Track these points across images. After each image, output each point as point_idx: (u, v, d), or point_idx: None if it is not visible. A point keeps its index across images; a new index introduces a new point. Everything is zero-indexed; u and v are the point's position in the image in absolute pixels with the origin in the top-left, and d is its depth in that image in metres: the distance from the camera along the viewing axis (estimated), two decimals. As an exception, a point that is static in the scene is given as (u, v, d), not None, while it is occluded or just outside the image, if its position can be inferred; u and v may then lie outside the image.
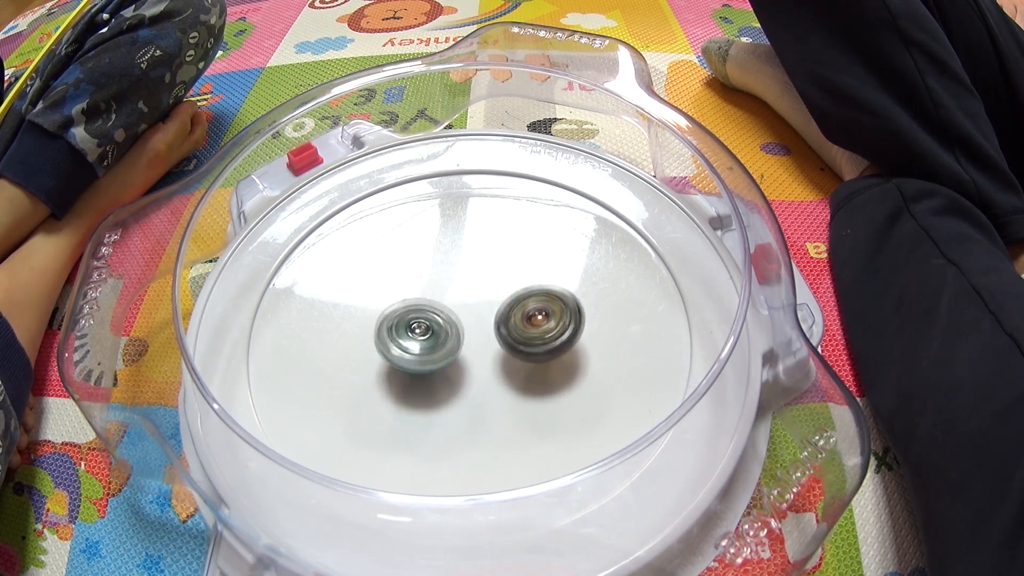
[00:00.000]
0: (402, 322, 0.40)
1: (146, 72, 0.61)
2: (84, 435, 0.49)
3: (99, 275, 0.46)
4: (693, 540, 0.35)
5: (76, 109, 0.57)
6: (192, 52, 0.64)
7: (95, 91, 0.58)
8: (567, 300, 0.40)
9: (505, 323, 0.40)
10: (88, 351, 0.44)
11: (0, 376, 0.43)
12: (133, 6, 0.62)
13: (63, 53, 0.60)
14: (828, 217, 0.60)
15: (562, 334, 0.39)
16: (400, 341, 0.40)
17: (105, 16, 0.61)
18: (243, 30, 0.97)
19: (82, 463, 0.48)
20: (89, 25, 0.61)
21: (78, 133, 0.57)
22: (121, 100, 0.60)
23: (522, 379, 0.41)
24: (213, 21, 0.66)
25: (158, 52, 0.61)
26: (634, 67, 0.54)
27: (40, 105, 0.57)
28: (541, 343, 0.39)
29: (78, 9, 0.60)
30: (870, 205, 0.54)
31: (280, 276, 0.47)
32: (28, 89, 0.59)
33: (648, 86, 0.53)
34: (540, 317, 0.40)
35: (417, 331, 0.40)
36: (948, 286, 0.44)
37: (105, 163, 0.60)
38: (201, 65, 0.67)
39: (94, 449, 0.48)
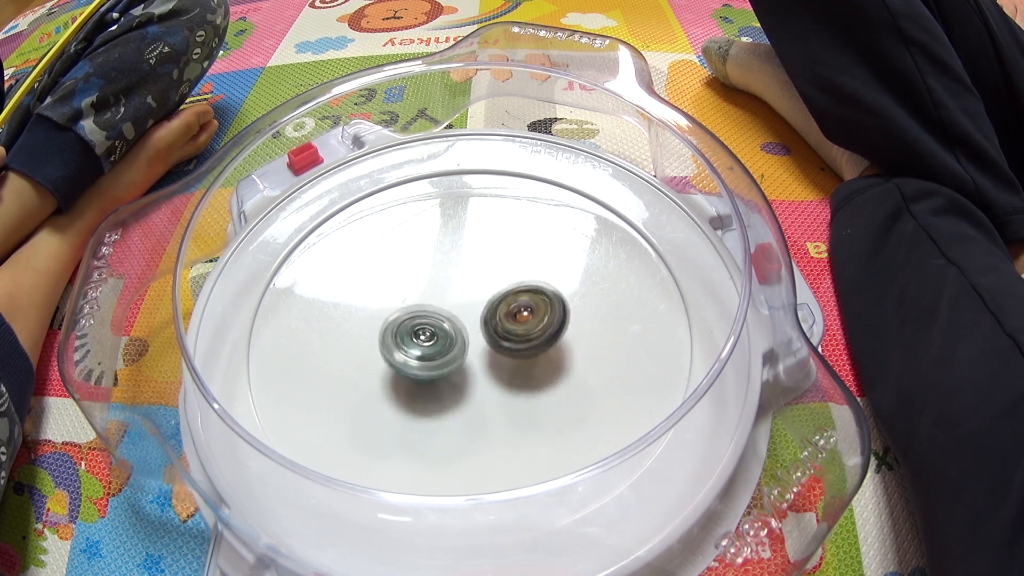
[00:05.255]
0: (406, 328, 0.40)
1: (154, 68, 0.61)
2: (84, 435, 0.49)
3: (99, 275, 0.46)
4: (693, 540, 0.35)
5: (86, 102, 0.57)
6: (199, 50, 0.66)
7: (105, 85, 0.58)
8: (552, 297, 0.40)
9: (492, 319, 0.40)
10: (88, 351, 0.44)
11: (3, 382, 0.43)
12: (142, 5, 0.63)
13: (72, 50, 0.61)
14: (828, 217, 0.60)
15: (546, 330, 0.39)
16: (405, 348, 0.39)
17: (115, 15, 0.62)
18: (243, 30, 0.97)
19: (82, 463, 0.48)
20: (98, 23, 0.62)
21: (87, 125, 0.57)
22: (130, 94, 0.60)
23: (523, 380, 0.41)
24: (219, 21, 0.67)
25: (166, 49, 0.62)
26: (634, 67, 0.54)
27: (49, 99, 0.57)
28: (526, 339, 0.39)
29: (91, 8, 0.61)
30: (870, 205, 0.54)
31: (280, 276, 0.47)
32: (36, 86, 0.59)
33: (648, 86, 0.53)
34: (526, 313, 0.40)
35: (422, 337, 0.39)
36: (948, 286, 0.44)
37: (112, 158, 0.60)
38: (206, 64, 0.68)
39: (94, 449, 0.48)
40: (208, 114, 0.71)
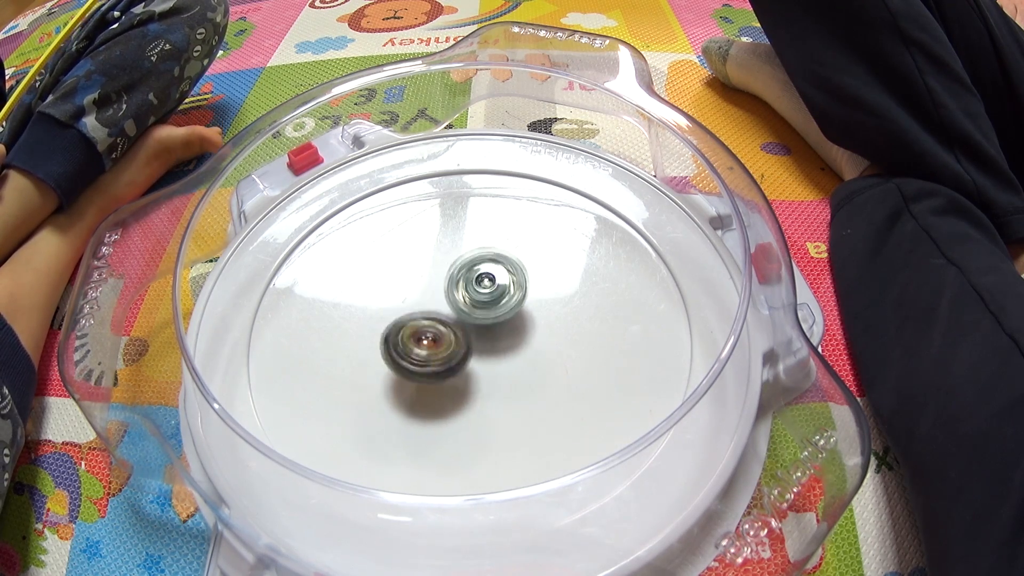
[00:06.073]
0: (469, 273, 0.42)
1: (156, 65, 0.62)
2: (84, 435, 0.49)
3: (99, 275, 0.46)
4: (693, 540, 0.35)
5: (88, 99, 0.57)
6: (199, 48, 0.66)
7: (106, 82, 0.59)
8: (455, 327, 0.39)
9: (395, 340, 0.39)
10: (88, 351, 0.44)
11: (6, 383, 0.43)
12: (143, 3, 0.63)
13: (73, 49, 0.61)
14: (828, 217, 0.60)
15: (447, 362, 0.38)
16: (464, 292, 0.41)
17: (116, 14, 0.62)
18: (243, 30, 0.97)
19: (82, 463, 0.48)
20: (99, 23, 0.62)
21: (89, 122, 0.57)
22: (131, 91, 0.61)
23: (523, 380, 0.41)
24: (219, 19, 0.68)
25: (167, 46, 0.62)
26: (634, 67, 0.54)
27: (51, 97, 0.57)
28: (425, 364, 0.38)
29: (87, 6, 0.61)
30: (870, 205, 0.54)
31: (280, 276, 0.47)
32: (37, 84, 0.60)
33: (648, 86, 0.53)
34: (424, 341, 0.39)
35: (485, 283, 0.41)
36: (948, 286, 0.44)
37: (114, 155, 0.60)
38: (206, 62, 0.68)
39: (94, 449, 0.48)
40: (216, 146, 0.70)
